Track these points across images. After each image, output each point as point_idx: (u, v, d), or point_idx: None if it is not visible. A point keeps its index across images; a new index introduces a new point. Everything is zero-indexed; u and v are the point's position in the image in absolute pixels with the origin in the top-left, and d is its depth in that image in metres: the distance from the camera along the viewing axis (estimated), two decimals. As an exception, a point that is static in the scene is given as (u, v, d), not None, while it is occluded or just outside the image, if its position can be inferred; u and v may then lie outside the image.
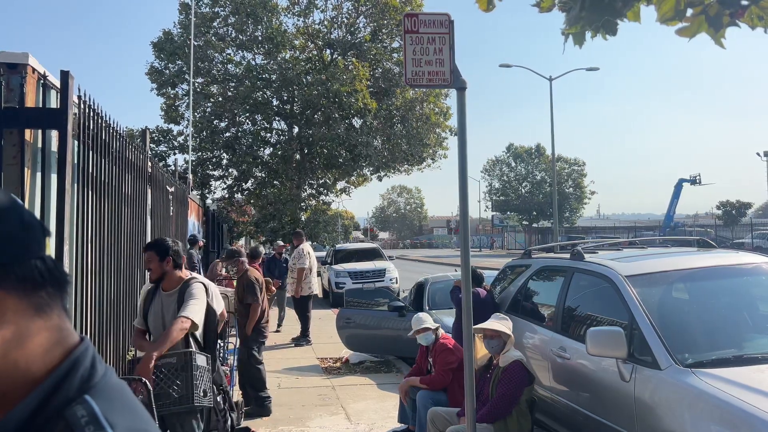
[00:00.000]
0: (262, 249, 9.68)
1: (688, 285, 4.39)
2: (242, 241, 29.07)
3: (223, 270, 8.87)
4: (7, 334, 0.68)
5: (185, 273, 4.11)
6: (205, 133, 21.19)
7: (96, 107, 4.59)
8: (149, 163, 6.98)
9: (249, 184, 22.83)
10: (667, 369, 3.54)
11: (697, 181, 47.76)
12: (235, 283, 7.11)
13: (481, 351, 4.71)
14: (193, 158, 20.15)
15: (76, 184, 4.38)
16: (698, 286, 4.39)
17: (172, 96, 21.72)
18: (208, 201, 21.29)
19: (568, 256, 5.29)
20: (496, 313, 5.03)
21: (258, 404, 6.44)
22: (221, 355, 5.43)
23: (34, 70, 4.10)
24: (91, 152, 4.57)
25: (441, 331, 5.52)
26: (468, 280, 4.05)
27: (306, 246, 11.29)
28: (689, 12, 2.17)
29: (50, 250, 0.74)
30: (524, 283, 5.73)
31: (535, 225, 63.19)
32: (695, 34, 2.22)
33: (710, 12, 2.10)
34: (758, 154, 55.18)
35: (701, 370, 3.43)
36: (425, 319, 5.52)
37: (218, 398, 4.21)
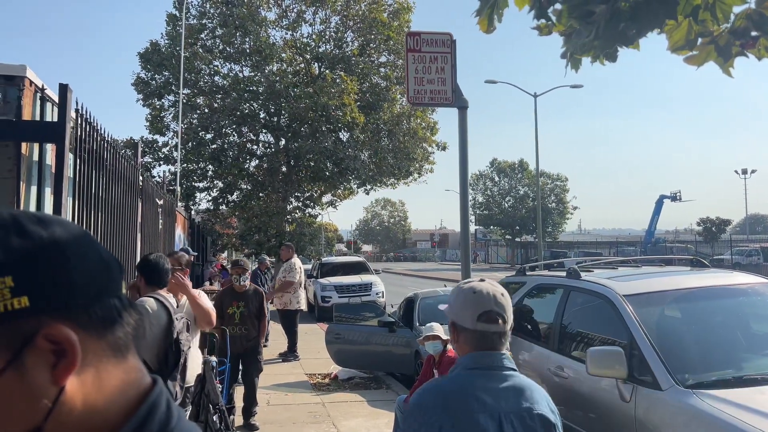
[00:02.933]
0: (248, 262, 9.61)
1: (685, 305, 4.42)
2: (225, 254, 28.83)
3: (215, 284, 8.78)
4: (87, 378, 0.66)
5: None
6: (190, 144, 21.06)
7: (93, 121, 4.54)
8: (140, 177, 6.92)
9: (234, 196, 22.70)
10: (668, 390, 3.55)
11: (678, 197, 48.52)
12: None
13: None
14: (179, 169, 20.00)
15: (71, 198, 4.32)
16: (695, 306, 4.43)
17: (158, 107, 21.59)
18: (193, 213, 21.12)
19: (563, 274, 5.32)
20: None
21: (251, 417, 6.51)
22: (214, 371, 5.34)
23: (31, 82, 4.05)
24: (86, 166, 4.51)
25: (450, 346, 5.48)
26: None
27: (297, 260, 11.22)
28: (699, 41, 2.21)
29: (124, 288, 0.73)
30: (519, 301, 5.73)
31: (518, 239, 63.59)
32: (704, 63, 2.26)
33: (720, 42, 2.13)
34: (737, 171, 56.32)
35: (702, 391, 3.45)
36: (438, 328, 5.49)
37: (214, 417, 4.15)
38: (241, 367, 6.72)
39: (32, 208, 4.03)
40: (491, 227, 66.52)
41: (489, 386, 1.83)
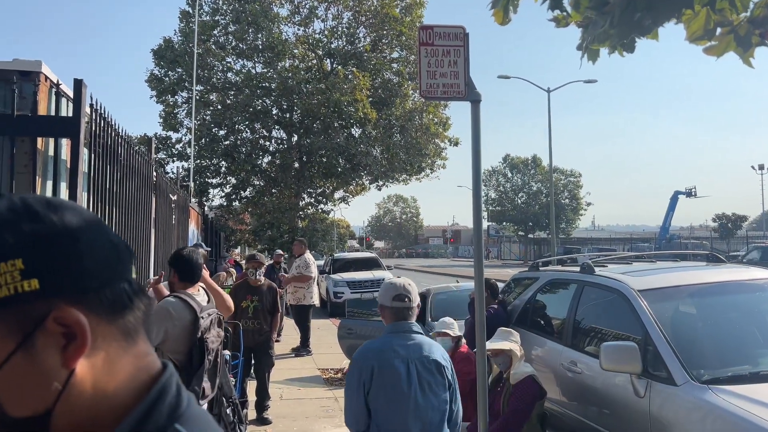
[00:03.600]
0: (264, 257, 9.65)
1: (701, 300, 4.38)
2: (238, 250, 28.97)
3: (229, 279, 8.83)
4: (97, 361, 0.67)
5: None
6: (204, 140, 21.16)
7: (107, 116, 4.57)
8: (154, 172, 6.96)
9: (247, 192, 22.79)
10: (683, 385, 3.52)
11: (693, 193, 48.00)
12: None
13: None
14: (192, 166, 20.09)
15: (86, 193, 4.35)
16: (710, 302, 4.38)
17: (172, 103, 21.70)
18: (206, 209, 21.23)
19: (577, 269, 5.29)
20: (501, 327, 4.96)
21: (264, 411, 6.59)
22: (228, 365, 5.37)
23: (46, 78, 4.08)
24: (101, 161, 4.54)
25: (463, 341, 5.45)
26: (481, 295, 4.02)
27: (310, 255, 11.27)
28: (718, 31, 2.17)
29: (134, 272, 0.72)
30: (532, 296, 5.71)
31: (531, 236, 63.30)
32: (723, 53, 2.22)
33: (740, 32, 2.09)
34: (753, 167, 55.62)
35: (718, 386, 3.42)
36: (450, 324, 5.42)
37: (227, 410, 4.16)
38: (252, 361, 6.75)
39: (48, 202, 4.07)
40: (504, 223, 66.27)
41: (402, 343, 2.87)
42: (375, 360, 2.82)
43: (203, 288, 3.99)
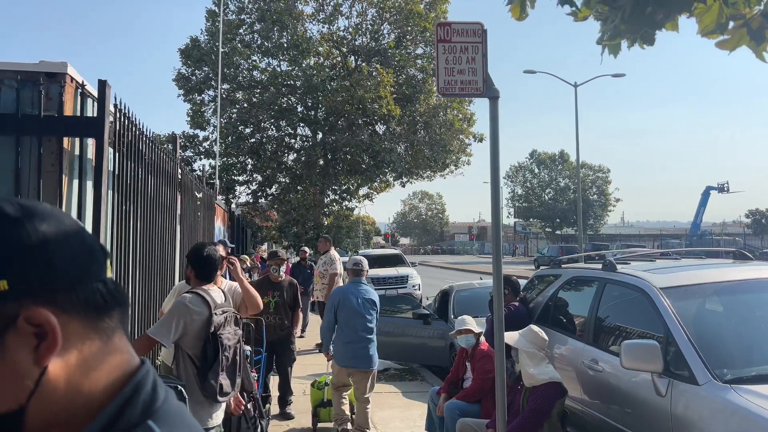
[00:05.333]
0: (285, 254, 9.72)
1: (725, 298, 4.29)
2: (265, 246, 29.25)
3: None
4: (71, 359, 0.68)
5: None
6: (230, 138, 21.41)
7: (131, 116, 4.66)
8: (179, 170, 7.07)
9: (273, 189, 23.00)
10: (705, 384, 3.46)
11: (725, 189, 46.88)
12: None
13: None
14: (219, 163, 20.34)
15: (111, 191, 4.45)
16: (735, 300, 4.29)
17: (199, 102, 21.99)
18: (233, 206, 21.49)
19: (599, 266, 5.22)
20: (530, 325, 4.88)
21: (286, 405, 6.73)
22: (249, 360, 5.44)
23: (72, 79, 4.17)
24: (126, 160, 4.63)
25: (483, 338, 5.45)
26: (500, 292, 4.00)
27: (335, 252, 11.32)
28: (731, 25, 2.13)
29: (110, 272, 0.73)
30: (554, 294, 5.66)
31: (558, 232, 62.62)
32: (736, 47, 2.17)
33: (753, 25, 2.05)
34: (789, 161, 54.01)
35: (741, 386, 3.35)
36: (470, 321, 5.46)
37: (248, 405, 4.22)
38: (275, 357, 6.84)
39: (74, 200, 4.18)
40: (531, 220, 65.68)
41: (356, 288, 5.77)
42: (341, 296, 5.73)
43: (220, 288, 4.00)
